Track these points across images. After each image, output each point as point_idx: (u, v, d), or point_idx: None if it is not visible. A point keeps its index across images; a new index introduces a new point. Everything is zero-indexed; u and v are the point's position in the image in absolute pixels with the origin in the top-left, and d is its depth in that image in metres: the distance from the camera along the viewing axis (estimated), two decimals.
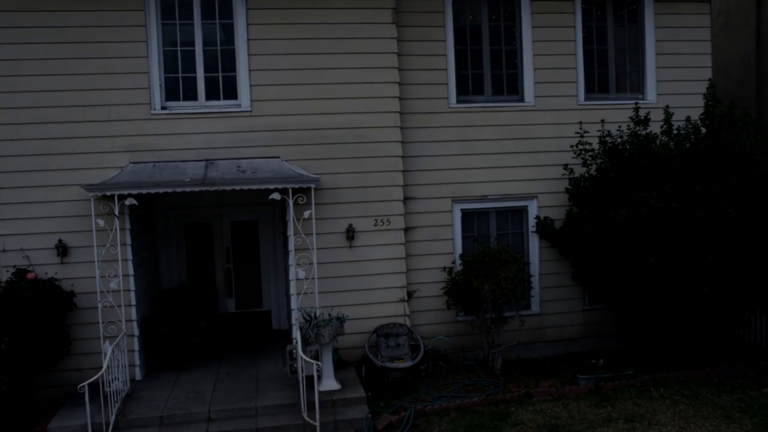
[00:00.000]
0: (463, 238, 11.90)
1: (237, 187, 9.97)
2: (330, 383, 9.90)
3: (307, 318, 9.80)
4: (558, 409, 9.43)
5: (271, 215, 13.30)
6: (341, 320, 9.96)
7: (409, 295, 11.50)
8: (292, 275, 10.73)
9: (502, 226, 12.16)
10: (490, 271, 10.77)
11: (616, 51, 12.50)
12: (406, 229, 11.42)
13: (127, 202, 9.72)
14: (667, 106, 10.97)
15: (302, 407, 9.22)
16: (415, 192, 11.63)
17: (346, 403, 9.64)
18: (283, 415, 9.34)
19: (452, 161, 11.75)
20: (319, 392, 9.30)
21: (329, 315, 10.12)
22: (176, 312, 11.85)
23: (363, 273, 11.21)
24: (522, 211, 12.19)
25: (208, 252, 13.38)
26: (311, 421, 8.97)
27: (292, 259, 10.72)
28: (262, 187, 10.03)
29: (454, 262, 11.70)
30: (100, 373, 8.72)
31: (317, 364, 8.99)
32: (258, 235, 13.43)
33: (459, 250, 11.82)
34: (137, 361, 10.58)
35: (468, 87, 11.95)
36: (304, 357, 9.04)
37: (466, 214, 11.93)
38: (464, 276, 10.91)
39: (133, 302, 10.50)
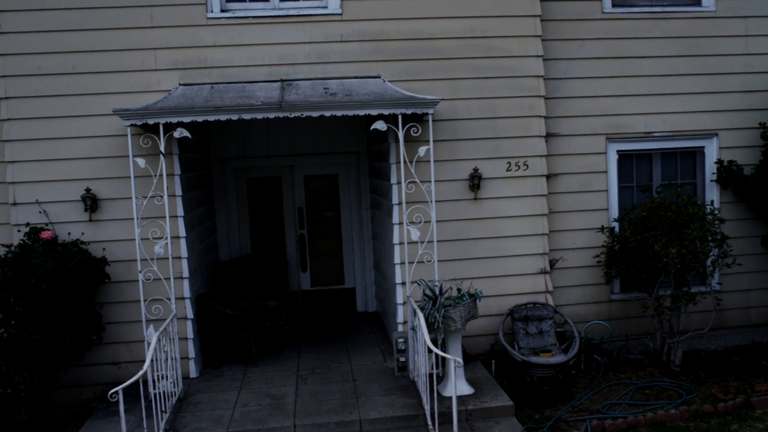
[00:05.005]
0: (619, 189, 8.88)
1: (327, 113, 7.12)
2: (460, 386, 7.03)
3: (430, 295, 6.92)
4: None
5: (356, 167, 10.45)
6: (475, 297, 7.06)
7: (551, 264, 8.55)
8: (396, 238, 7.91)
9: (668, 174, 9.07)
10: (673, 230, 7.75)
11: None
12: (548, 177, 8.45)
13: (177, 134, 6.93)
14: None
15: (429, 421, 6.42)
16: (558, 127, 8.62)
17: (486, 414, 6.77)
18: None
19: (606, 85, 8.69)
20: (447, 398, 6.56)
21: (458, 290, 7.20)
22: (239, 289, 9.09)
23: (491, 235, 8.26)
24: (695, 154, 9.08)
25: (277, 214, 10.56)
26: None
27: (397, 216, 7.88)
28: (361, 112, 7.16)
29: (618, 220, 8.68)
30: (141, 373, 5.90)
31: (457, 361, 6.09)
32: (338, 192, 10.57)
33: (615, 204, 8.81)
34: (191, 353, 7.85)
35: None
36: (435, 350, 6.14)
37: (622, 156, 8.88)
38: (636, 237, 7.89)
39: (186, 274, 7.77)
